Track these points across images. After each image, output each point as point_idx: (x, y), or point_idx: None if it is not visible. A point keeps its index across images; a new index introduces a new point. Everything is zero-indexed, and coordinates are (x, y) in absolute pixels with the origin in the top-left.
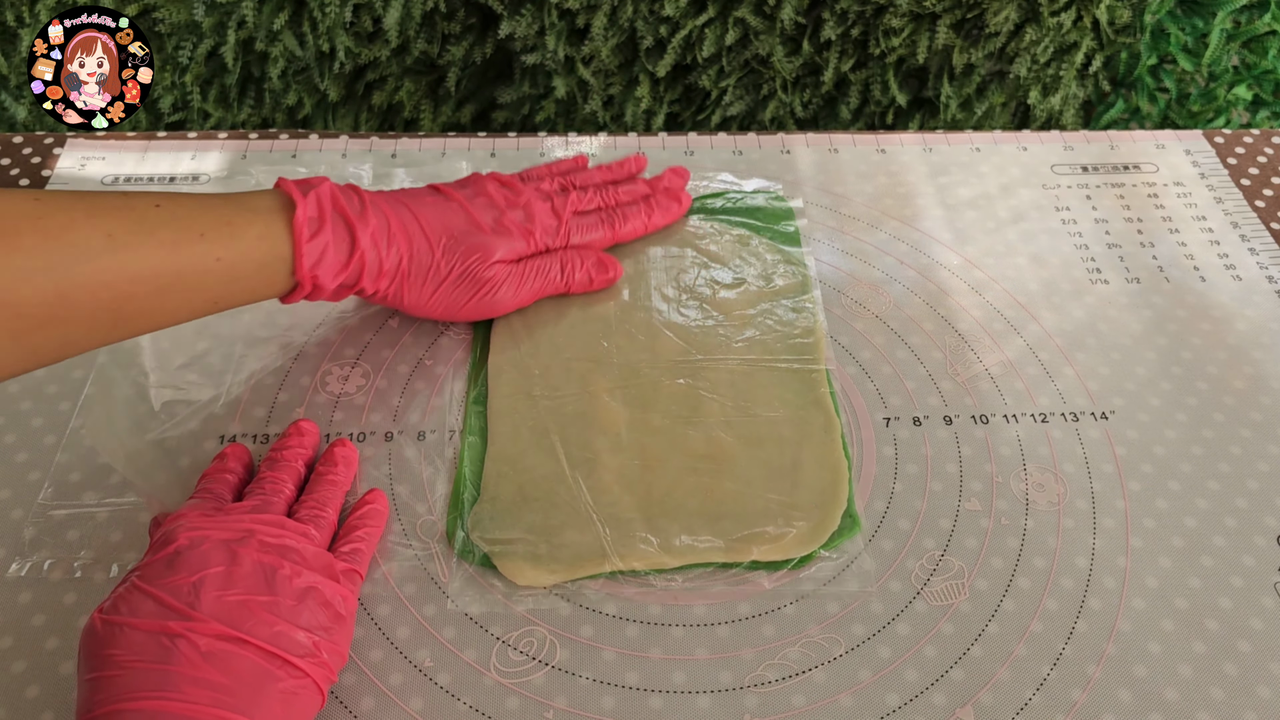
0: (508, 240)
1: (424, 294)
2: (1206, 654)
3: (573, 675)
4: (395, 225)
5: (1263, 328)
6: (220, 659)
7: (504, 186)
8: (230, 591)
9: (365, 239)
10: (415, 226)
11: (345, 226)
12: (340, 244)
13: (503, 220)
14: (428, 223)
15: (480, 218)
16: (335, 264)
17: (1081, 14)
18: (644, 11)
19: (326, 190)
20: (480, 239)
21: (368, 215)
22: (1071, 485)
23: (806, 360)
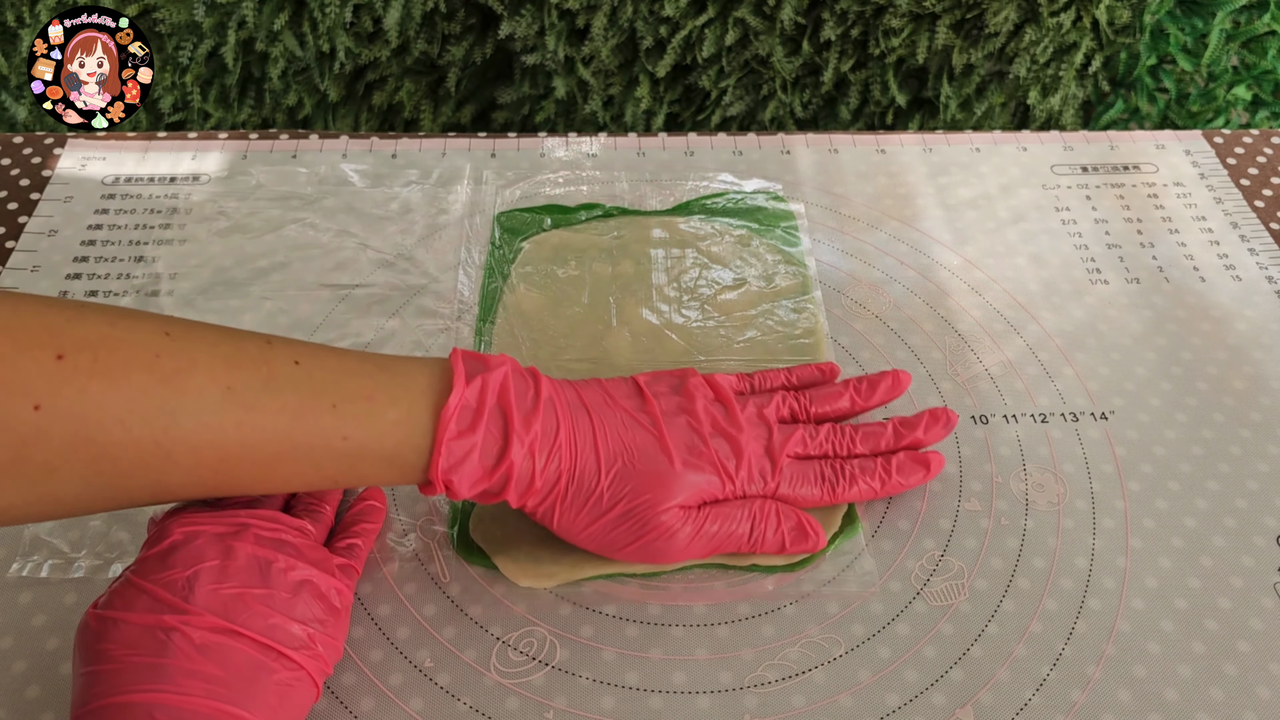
0: (698, 478)
1: (579, 522)
2: (1206, 654)
3: (573, 675)
4: (565, 434)
5: (1262, 328)
6: (214, 651)
7: (718, 403)
8: (225, 585)
9: (520, 450)
10: (589, 440)
11: (502, 427)
12: (490, 448)
13: (701, 451)
14: (605, 438)
15: (673, 443)
16: (477, 472)
17: (1081, 14)
18: (644, 11)
19: (497, 378)
20: (661, 474)
21: (535, 417)
22: (1071, 485)
23: (807, 360)
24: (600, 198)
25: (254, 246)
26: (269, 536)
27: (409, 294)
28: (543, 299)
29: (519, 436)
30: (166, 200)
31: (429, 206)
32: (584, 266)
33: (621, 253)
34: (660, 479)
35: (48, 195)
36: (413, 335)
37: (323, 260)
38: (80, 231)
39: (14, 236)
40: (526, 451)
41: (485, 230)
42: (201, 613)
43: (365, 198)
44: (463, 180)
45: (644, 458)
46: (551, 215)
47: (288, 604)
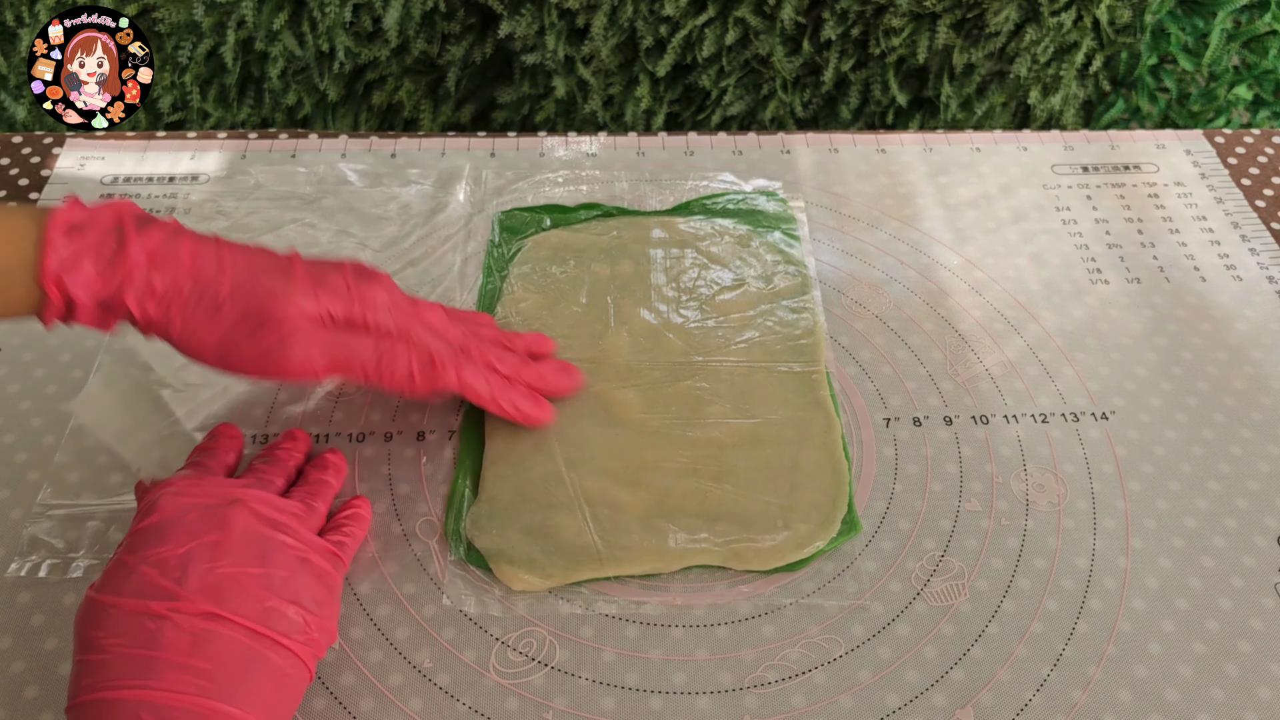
0: (323, 289)
1: (195, 322)
2: (1207, 654)
3: (572, 676)
4: (186, 249)
5: (1263, 328)
6: (206, 642)
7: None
8: (220, 563)
9: (138, 251)
10: (211, 254)
11: (117, 236)
12: (103, 251)
13: (333, 279)
14: (231, 252)
15: (305, 268)
16: (90, 273)
17: (1081, 14)
18: (644, 11)
19: (112, 206)
20: (286, 276)
21: (153, 232)
22: (1072, 486)
23: (806, 361)
24: (600, 197)
25: None
26: (265, 513)
27: (409, 293)
28: (541, 299)
29: (135, 241)
30: (166, 200)
31: (428, 206)
32: (583, 266)
33: (620, 252)
34: (284, 280)
35: (47, 195)
36: None
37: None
38: None
39: None
40: (143, 255)
41: (484, 229)
42: (193, 598)
43: (364, 197)
44: (462, 180)
45: (266, 270)
46: (551, 215)
47: (285, 584)
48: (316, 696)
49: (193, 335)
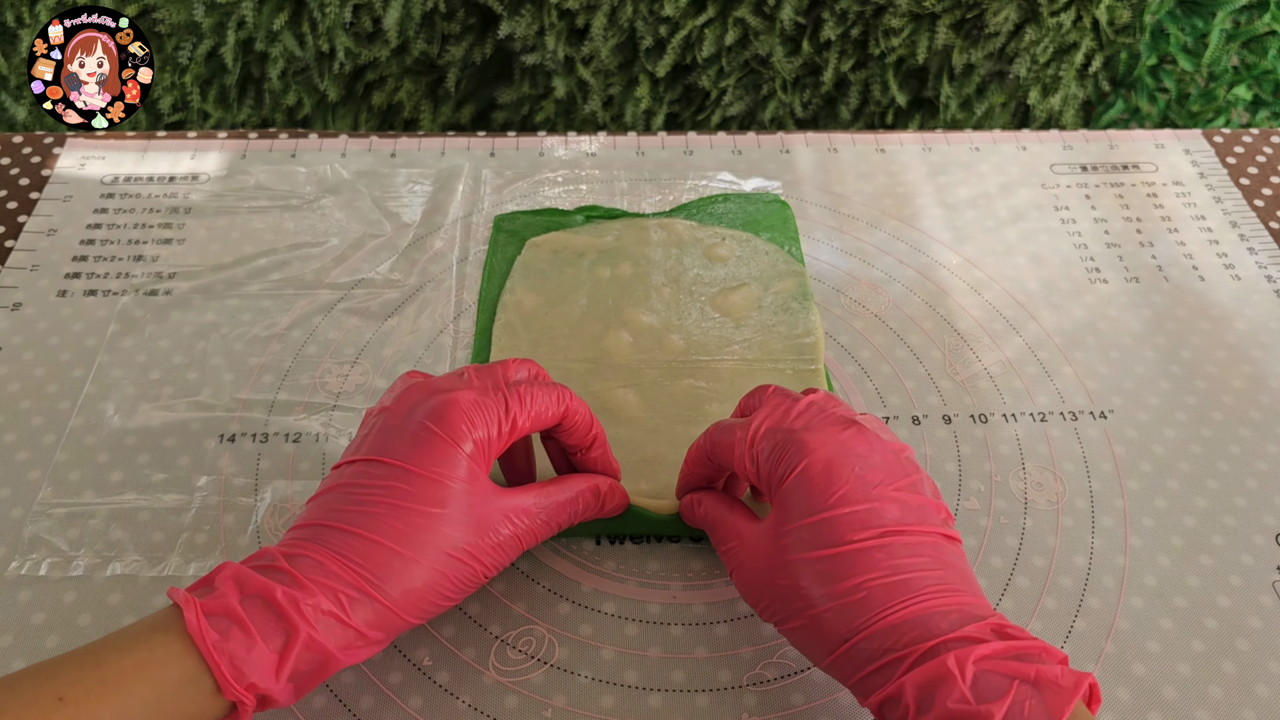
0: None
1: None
2: (1205, 652)
3: (572, 674)
4: (332, 563)
5: (1261, 327)
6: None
7: None
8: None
9: (308, 608)
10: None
11: (265, 604)
12: (267, 625)
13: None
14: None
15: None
16: (270, 658)
17: (1081, 14)
18: (644, 11)
19: (230, 575)
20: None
21: (302, 576)
22: (1070, 484)
23: (806, 360)
24: (599, 196)
25: (253, 246)
26: None
27: (408, 293)
28: (542, 299)
29: (302, 599)
30: (166, 200)
31: (428, 205)
32: (583, 267)
33: (620, 254)
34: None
35: (47, 195)
36: (412, 335)
37: (322, 259)
38: (79, 231)
39: (13, 236)
40: (313, 605)
41: (484, 230)
42: None
43: (364, 197)
44: (462, 179)
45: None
46: (550, 218)
47: None
48: (316, 694)
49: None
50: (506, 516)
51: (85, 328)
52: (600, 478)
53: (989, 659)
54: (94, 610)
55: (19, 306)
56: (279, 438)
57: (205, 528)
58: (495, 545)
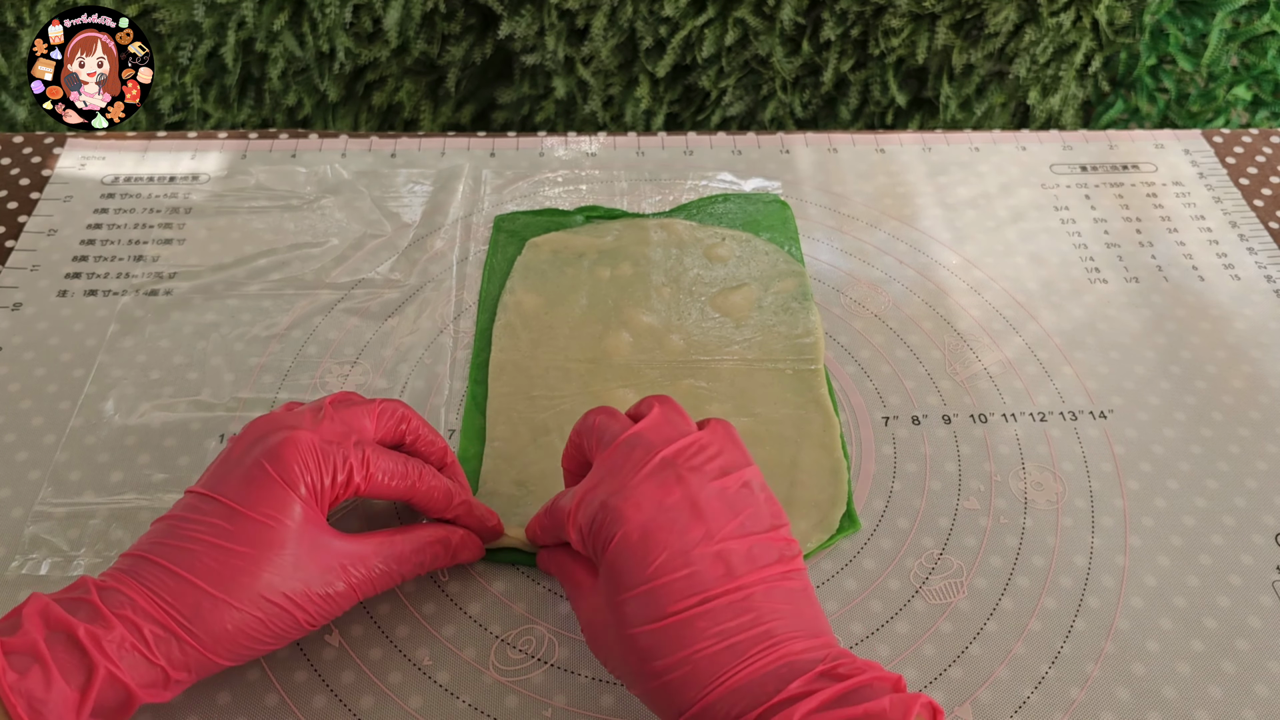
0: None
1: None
2: (1205, 652)
3: (572, 673)
4: (141, 598)
5: (1261, 327)
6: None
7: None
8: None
9: (110, 640)
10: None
11: (68, 641)
12: (71, 664)
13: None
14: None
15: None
16: (71, 696)
17: (1081, 14)
18: (644, 12)
19: (36, 609)
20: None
21: (108, 611)
22: (1070, 484)
23: (805, 360)
24: (599, 196)
25: (253, 246)
26: None
27: (409, 293)
28: (542, 300)
29: (103, 633)
30: (166, 200)
31: (428, 206)
32: (583, 268)
33: (620, 254)
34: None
35: (47, 195)
36: (412, 335)
37: (322, 259)
38: (80, 231)
39: (14, 236)
40: (115, 641)
41: (485, 230)
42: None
43: (364, 197)
44: (462, 179)
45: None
46: (550, 218)
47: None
48: (316, 694)
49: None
50: (340, 566)
51: (85, 328)
52: (452, 529)
53: (814, 713)
54: None
55: (19, 306)
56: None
57: None
58: (323, 596)
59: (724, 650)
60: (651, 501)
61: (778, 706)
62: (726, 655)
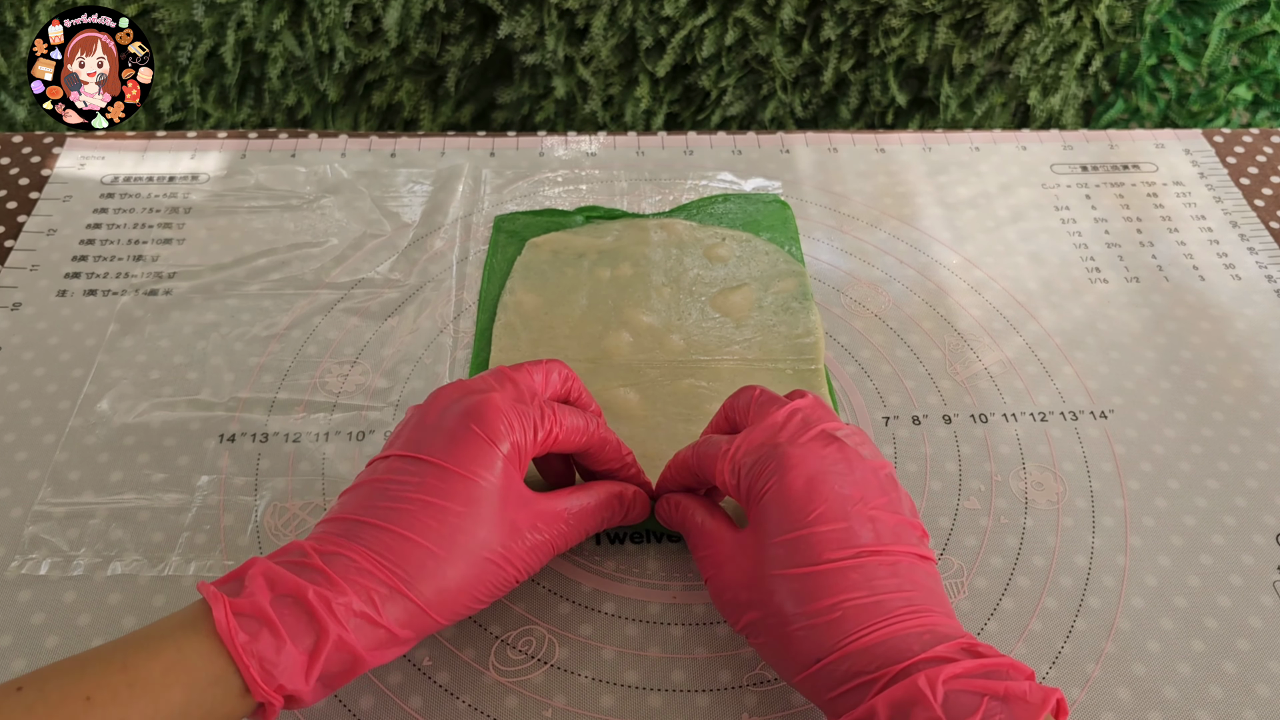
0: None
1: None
2: (1206, 652)
3: (572, 674)
4: (362, 558)
5: (1262, 327)
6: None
7: None
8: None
9: (339, 609)
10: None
11: (296, 604)
12: (297, 626)
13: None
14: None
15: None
16: (301, 659)
17: (1081, 14)
18: (644, 11)
19: (260, 571)
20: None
21: (335, 575)
22: (1071, 484)
23: (806, 360)
24: (599, 196)
25: (253, 246)
26: None
27: (408, 293)
28: (542, 300)
29: (321, 597)
30: (165, 200)
31: (428, 205)
32: (583, 268)
33: (620, 254)
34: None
35: (47, 194)
36: (412, 335)
37: (321, 259)
38: (79, 231)
39: (13, 235)
40: (345, 605)
41: (484, 230)
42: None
43: (364, 197)
44: (462, 179)
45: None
46: (550, 218)
47: None
48: None
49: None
50: (539, 521)
51: (85, 327)
52: (624, 485)
53: (959, 678)
54: (94, 610)
55: (19, 306)
56: (279, 438)
57: (205, 528)
58: (528, 549)
59: (872, 604)
60: (816, 457)
61: (924, 663)
62: (874, 609)
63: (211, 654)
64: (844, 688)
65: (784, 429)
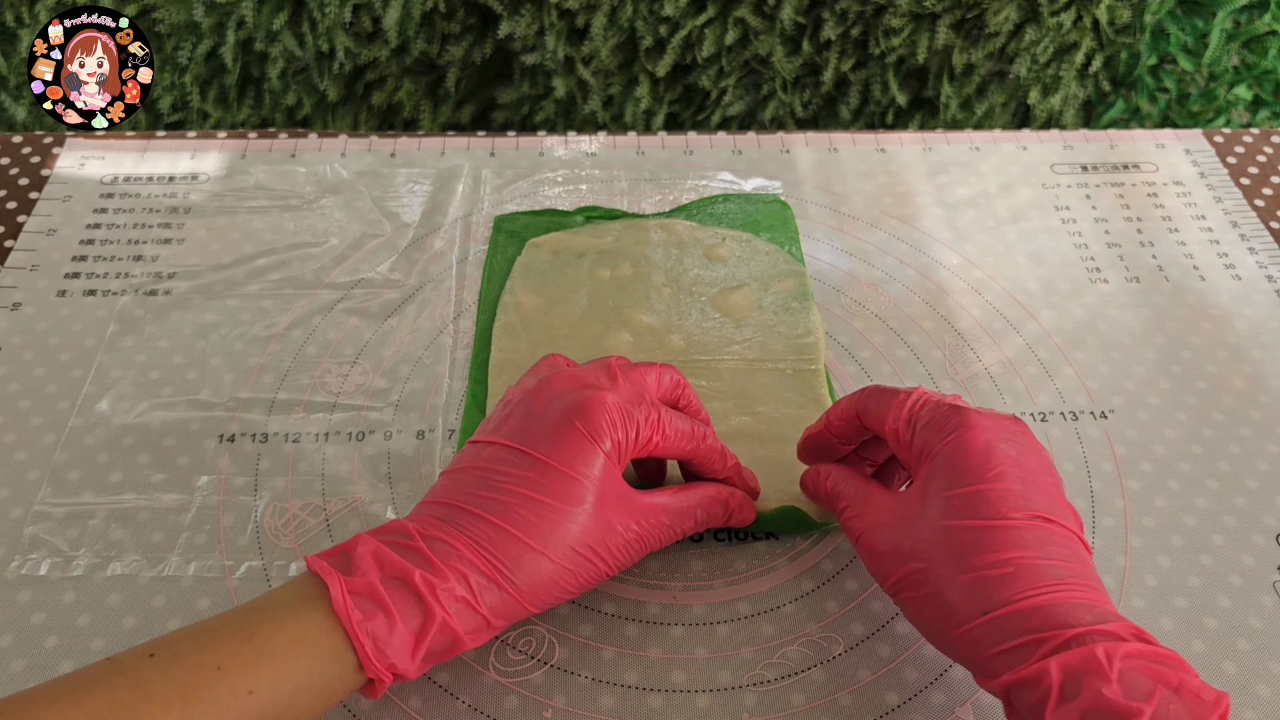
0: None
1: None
2: (1206, 652)
3: (572, 674)
4: (465, 546)
5: (1262, 327)
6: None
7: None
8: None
9: (443, 590)
10: (510, 544)
11: (404, 586)
12: (406, 608)
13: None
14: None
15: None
16: (408, 640)
17: (1081, 14)
18: (644, 11)
19: (369, 551)
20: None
21: (438, 561)
22: (1071, 484)
23: (806, 360)
24: (599, 196)
25: (252, 246)
26: None
27: (408, 293)
28: (542, 300)
29: (427, 581)
30: (165, 200)
31: (428, 205)
32: (583, 268)
33: (620, 254)
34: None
35: (46, 195)
36: (412, 335)
37: (321, 259)
38: (79, 231)
39: (13, 236)
40: (448, 590)
41: (484, 230)
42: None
43: (364, 197)
44: (462, 179)
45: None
46: (550, 219)
47: None
48: None
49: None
50: (636, 518)
51: (85, 328)
52: (733, 491)
53: (1135, 658)
54: (94, 610)
55: (18, 306)
56: (279, 438)
57: (205, 528)
58: (622, 545)
59: (1045, 566)
60: (996, 423)
61: (1098, 635)
62: (1047, 571)
63: (330, 630)
64: (1010, 644)
65: (959, 400)
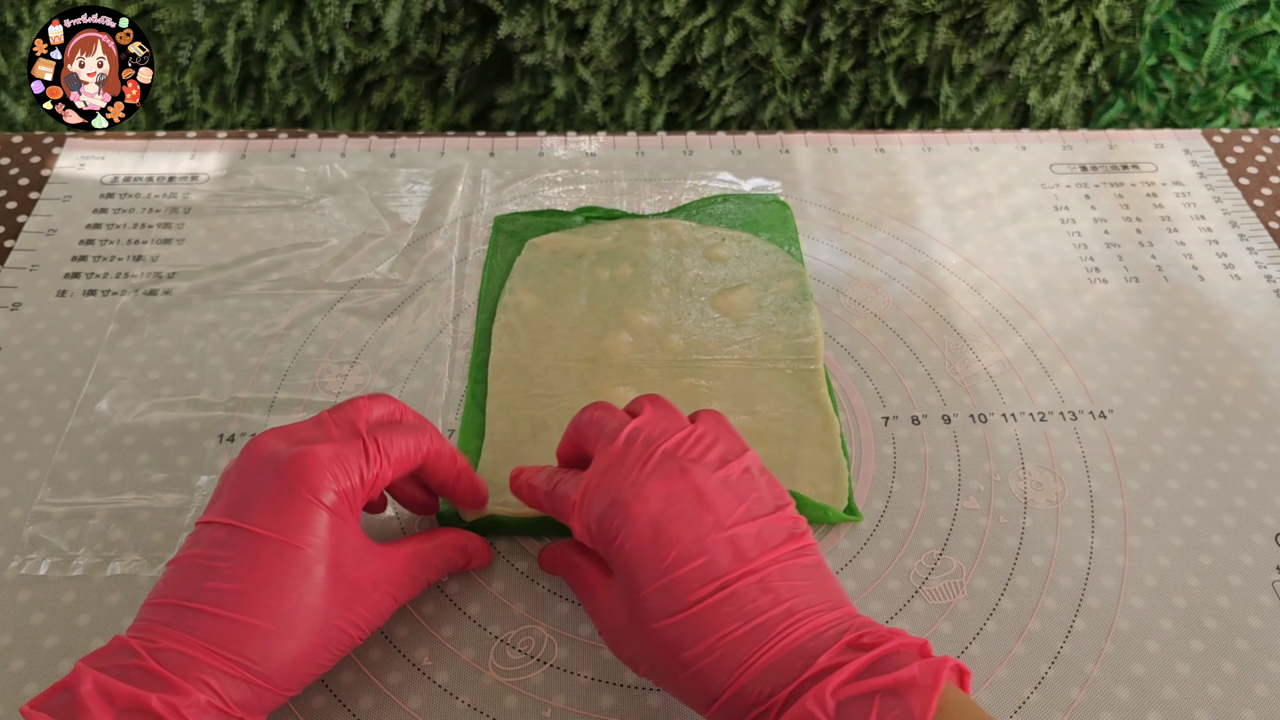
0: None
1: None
2: (1205, 652)
3: (571, 674)
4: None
5: (1261, 327)
6: None
7: None
8: None
9: (189, 711)
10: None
11: (141, 715)
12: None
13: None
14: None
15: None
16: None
17: (1081, 14)
18: (644, 11)
19: (93, 687)
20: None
21: (174, 677)
22: (1070, 484)
23: (805, 359)
24: (599, 196)
25: (252, 246)
26: None
27: (408, 293)
28: (542, 300)
29: (167, 703)
30: (165, 200)
31: (428, 205)
32: (583, 268)
33: (620, 254)
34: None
35: (46, 195)
36: (412, 335)
37: (321, 259)
38: (79, 231)
39: (13, 236)
40: (193, 704)
41: (484, 230)
42: None
43: (364, 197)
44: (461, 179)
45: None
46: (550, 219)
47: None
48: (315, 694)
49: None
50: (379, 580)
51: (84, 327)
52: (470, 535)
53: (846, 684)
54: (93, 610)
55: (18, 306)
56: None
57: None
58: (370, 608)
59: (749, 633)
60: (659, 495)
61: (808, 682)
62: (752, 637)
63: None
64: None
65: (624, 461)
